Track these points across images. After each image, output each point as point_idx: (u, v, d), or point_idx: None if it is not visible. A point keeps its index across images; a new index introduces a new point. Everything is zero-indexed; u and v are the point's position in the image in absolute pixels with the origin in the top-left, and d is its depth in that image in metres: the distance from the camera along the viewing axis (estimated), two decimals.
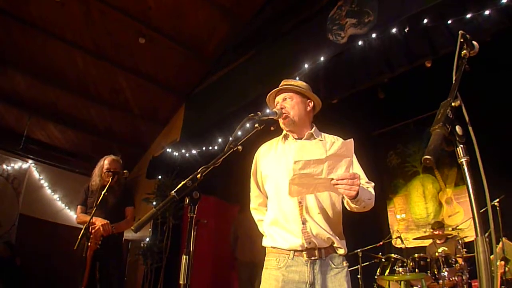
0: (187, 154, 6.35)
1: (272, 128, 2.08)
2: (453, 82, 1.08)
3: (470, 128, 0.97)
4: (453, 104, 0.97)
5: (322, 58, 4.51)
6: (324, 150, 1.68)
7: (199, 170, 1.60)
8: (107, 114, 7.87)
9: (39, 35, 6.37)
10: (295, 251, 1.84)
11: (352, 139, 1.72)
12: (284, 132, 2.12)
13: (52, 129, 7.93)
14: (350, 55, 4.21)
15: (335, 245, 1.84)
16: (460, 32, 1.38)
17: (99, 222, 3.41)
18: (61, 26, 6.34)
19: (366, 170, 2.01)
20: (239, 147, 1.76)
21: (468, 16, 3.29)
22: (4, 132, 7.60)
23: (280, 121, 2.05)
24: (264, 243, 1.98)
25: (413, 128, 6.13)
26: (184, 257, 1.53)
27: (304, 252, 1.82)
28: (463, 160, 0.95)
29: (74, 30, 6.42)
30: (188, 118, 7.33)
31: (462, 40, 1.41)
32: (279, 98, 2.12)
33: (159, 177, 6.90)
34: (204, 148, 6.03)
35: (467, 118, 0.98)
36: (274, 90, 2.14)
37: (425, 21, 3.50)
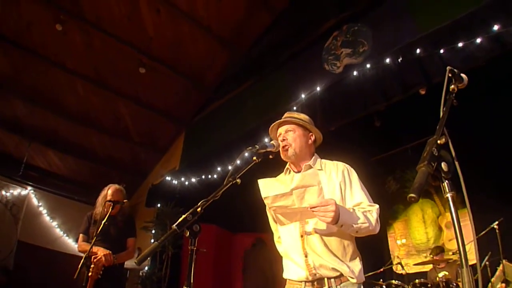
0: (187, 183, 6.37)
1: (270, 157, 2.12)
2: (440, 118, 1.13)
3: (456, 163, 1.01)
4: (438, 142, 1.02)
5: (318, 88, 4.60)
6: (288, 184, 1.77)
7: (199, 204, 1.65)
8: (107, 142, 7.94)
9: (41, 63, 6.50)
10: (305, 282, 1.87)
11: (313, 170, 1.87)
12: (287, 166, 2.17)
13: (52, 156, 7.97)
14: (345, 85, 4.30)
15: (345, 274, 1.82)
16: (448, 68, 1.43)
17: (101, 252, 3.40)
18: (63, 54, 6.49)
19: None
20: (238, 180, 1.82)
21: (460, 44, 3.38)
22: (3, 158, 7.64)
23: (281, 153, 2.09)
24: (283, 275, 2.03)
25: (411, 153, 6.15)
26: None
27: (313, 283, 1.84)
28: (449, 195, 1.00)
29: (75, 59, 6.56)
30: (187, 147, 7.39)
31: (450, 75, 1.45)
32: (281, 130, 2.15)
33: (158, 205, 6.89)
34: (203, 177, 6.06)
35: (453, 154, 1.03)
36: (277, 121, 2.18)
37: (418, 50, 3.60)
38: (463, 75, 1.47)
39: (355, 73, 4.23)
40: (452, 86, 1.38)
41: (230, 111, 6.49)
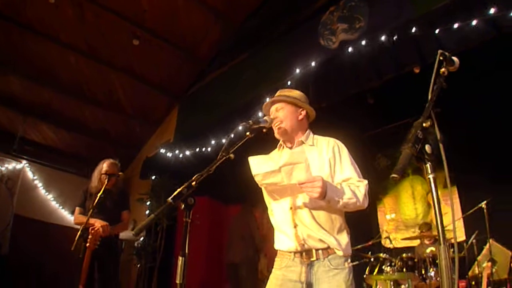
0: (181, 155, 6.41)
1: (264, 130, 2.18)
2: (428, 100, 1.17)
3: (441, 146, 1.06)
4: (424, 124, 1.06)
5: (313, 63, 4.60)
6: (277, 161, 1.87)
7: (193, 178, 1.70)
8: (101, 115, 7.91)
9: (33, 37, 6.39)
10: (294, 252, 1.96)
11: (301, 148, 2.02)
12: (280, 141, 2.23)
13: (46, 130, 7.95)
14: (340, 61, 4.29)
15: (332, 246, 1.91)
16: (439, 51, 1.45)
17: (98, 223, 3.50)
18: (55, 27, 6.37)
19: None
20: (231, 155, 1.87)
21: (456, 26, 3.37)
22: None
23: (275, 131, 2.16)
24: (274, 246, 2.12)
25: (403, 130, 6.18)
26: (180, 258, 1.62)
27: (302, 254, 1.93)
28: (430, 176, 1.05)
29: (68, 32, 6.45)
30: (181, 119, 7.40)
31: (441, 58, 1.46)
32: (273, 108, 2.22)
33: (153, 177, 6.95)
34: (197, 150, 6.09)
35: (438, 136, 1.07)
36: (269, 101, 2.26)
37: (414, 29, 3.60)
38: (454, 58, 1.49)
39: (350, 49, 4.22)
40: (443, 69, 1.40)
41: (224, 84, 6.47)
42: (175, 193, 1.63)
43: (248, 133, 2.02)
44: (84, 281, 3.20)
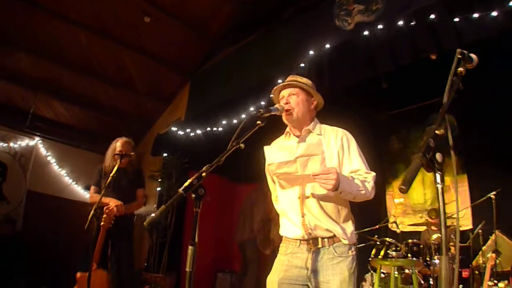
0: (192, 134, 6.44)
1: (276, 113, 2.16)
2: (443, 104, 1.15)
3: (452, 153, 1.05)
4: (437, 132, 1.04)
5: (327, 46, 4.51)
6: (292, 151, 1.87)
7: (203, 169, 1.72)
8: (112, 92, 7.93)
9: (43, 14, 6.34)
10: (300, 240, 2.00)
11: (318, 139, 1.95)
12: (287, 129, 2.23)
13: (58, 107, 8.00)
14: (355, 44, 4.20)
15: (338, 235, 1.95)
16: (458, 50, 1.41)
17: (113, 202, 3.57)
18: (66, 5, 6.30)
19: (367, 154, 2.09)
20: (241, 145, 1.87)
21: (475, 15, 3.28)
22: (10, 111, 7.67)
23: (283, 116, 2.13)
24: (280, 232, 2.15)
25: (417, 114, 6.12)
26: (190, 247, 1.66)
27: (308, 241, 1.97)
28: (439, 186, 1.05)
29: (79, 9, 6.38)
30: (193, 98, 7.38)
31: (459, 56, 1.40)
32: (284, 93, 2.18)
33: (164, 154, 7.01)
34: (208, 129, 6.10)
35: (451, 142, 1.06)
36: (280, 84, 2.22)
37: (432, 16, 3.49)
38: (472, 55, 1.44)
39: (366, 32, 4.12)
40: (461, 69, 1.35)
41: (235, 64, 6.38)
42: (186, 184, 1.66)
43: (259, 122, 2.01)
44: (97, 259, 3.30)
